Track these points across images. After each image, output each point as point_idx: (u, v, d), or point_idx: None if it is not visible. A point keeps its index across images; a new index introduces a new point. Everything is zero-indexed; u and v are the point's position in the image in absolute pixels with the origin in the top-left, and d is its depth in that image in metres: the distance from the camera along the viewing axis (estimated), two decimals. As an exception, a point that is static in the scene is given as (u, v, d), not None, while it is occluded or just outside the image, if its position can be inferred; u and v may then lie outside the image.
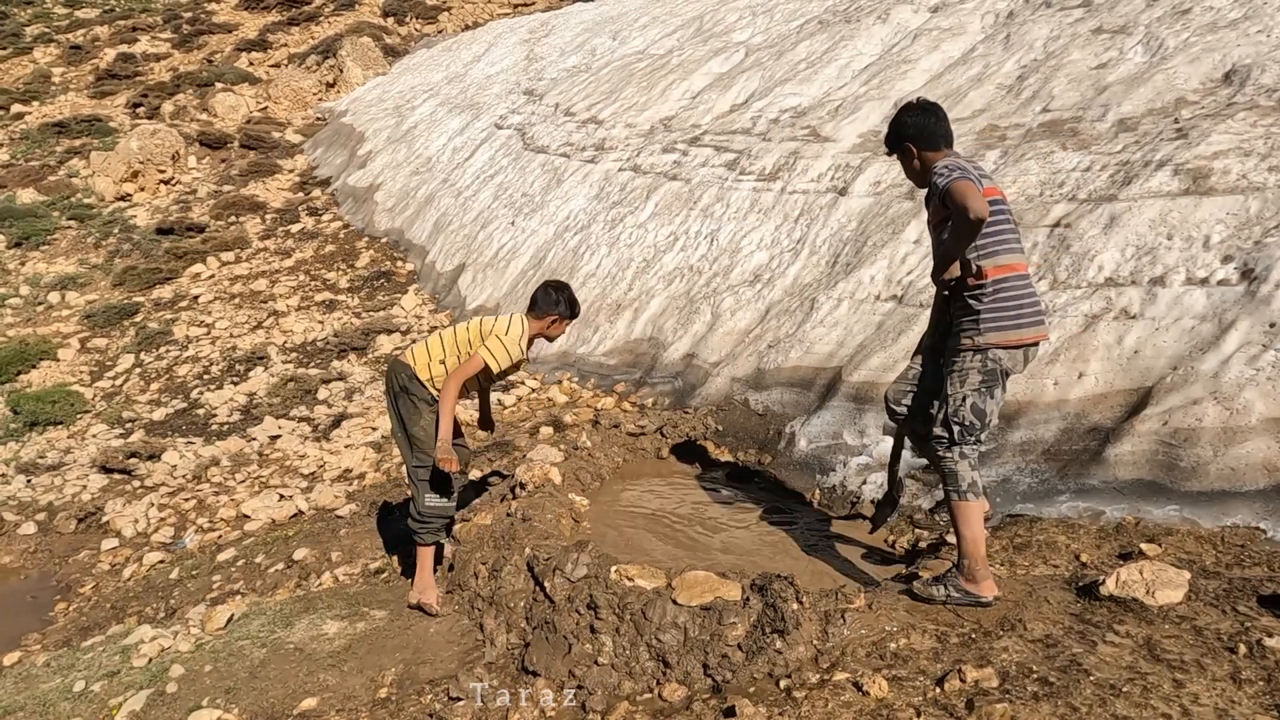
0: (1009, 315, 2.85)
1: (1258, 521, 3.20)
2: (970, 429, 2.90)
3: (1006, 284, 2.85)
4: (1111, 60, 6.08)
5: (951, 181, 2.69)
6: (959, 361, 2.91)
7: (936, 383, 3.03)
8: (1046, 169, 5.40)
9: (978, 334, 2.87)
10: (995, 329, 2.84)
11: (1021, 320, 2.87)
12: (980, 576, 2.92)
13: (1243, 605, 2.71)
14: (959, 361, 2.91)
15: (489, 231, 9.84)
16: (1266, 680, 2.32)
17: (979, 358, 2.87)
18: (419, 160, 12.90)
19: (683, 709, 2.68)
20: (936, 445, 2.96)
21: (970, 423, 2.90)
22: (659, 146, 8.92)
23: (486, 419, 4.46)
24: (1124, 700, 2.32)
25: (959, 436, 2.91)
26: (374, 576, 4.41)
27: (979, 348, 2.87)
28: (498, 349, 3.75)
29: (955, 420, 2.91)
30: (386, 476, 5.99)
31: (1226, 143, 4.64)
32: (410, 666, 3.27)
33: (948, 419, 2.92)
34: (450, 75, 16.04)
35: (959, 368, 2.91)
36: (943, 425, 2.93)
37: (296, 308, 10.05)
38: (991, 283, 2.85)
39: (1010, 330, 2.85)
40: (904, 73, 7.58)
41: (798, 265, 6.36)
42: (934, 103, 2.98)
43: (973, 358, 2.88)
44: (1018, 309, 2.86)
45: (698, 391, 5.96)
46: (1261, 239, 4.07)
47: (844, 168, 6.82)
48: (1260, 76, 5.03)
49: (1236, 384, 3.60)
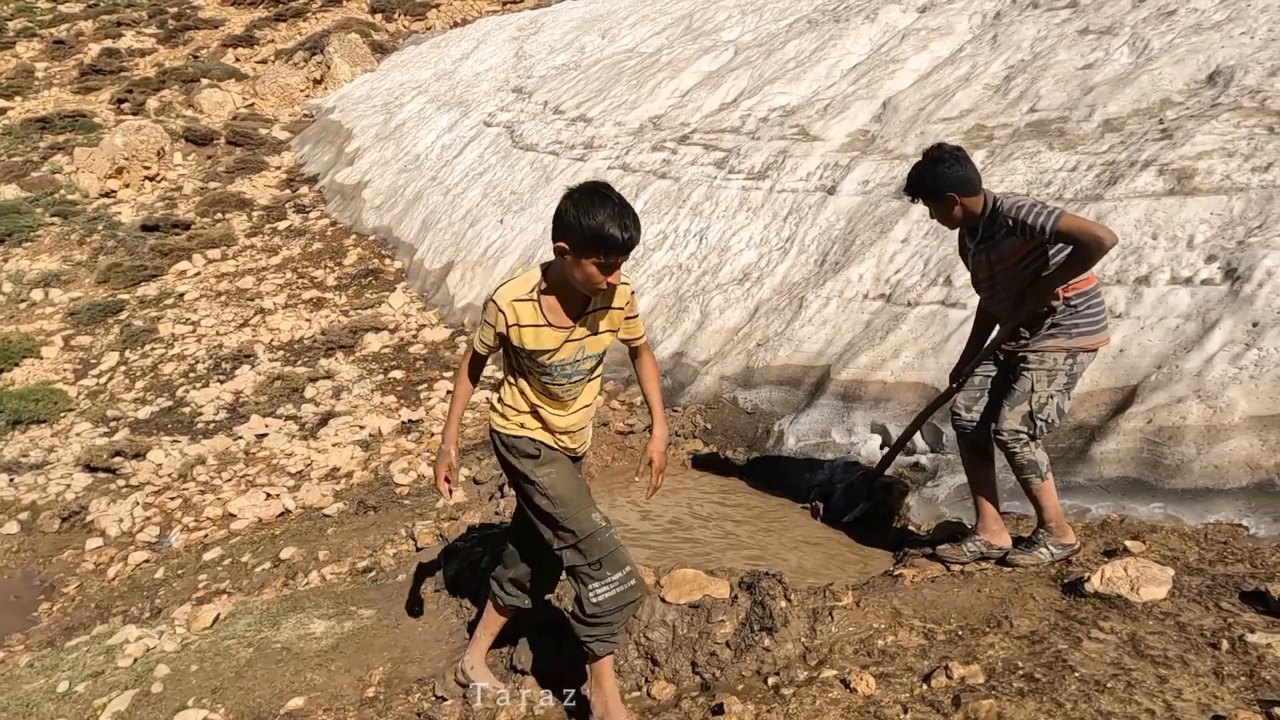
0: (1096, 321, 3.11)
1: (1240, 519, 3.23)
2: (1051, 426, 3.16)
3: (1091, 294, 3.12)
4: (1098, 61, 6.13)
5: (1059, 218, 2.91)
6: (1048, 363, 3.12)
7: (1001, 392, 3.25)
8: (1034, 169, 5.43)
9: (1069, 338, 3.09)
10: (1084, 334, 3.09)
11: (1098, 325, 3.13)
12: (1066, 530, 3.23)
13: (1225, 601, 2.73)
14: (1048, 363, 3.12)
15: (478, 229, 9.82)
16: (1249, 675, 2.34)
17: (1069, 360, 3.11)
18: (407, 158, 12.84)
19: (671, 707, 2.68)
20: (1013, 442, 3.15)
21: (1053, 420, 3.15)
22: (648, 145, 8.92)
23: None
24: (1108, 696, 2.34)
25: (1040, 432, 3.14)
26: (361, 575, 4.40)
27: (1071, 352, 3.09)
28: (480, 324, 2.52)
29: (1040, 418, 3.12)
30: (374, 475, 5.97)
31: (1210, 143, 4.68)
32: (398, 666, 3.26)
33: (1032, 416, 3.12)
34: (439, 72, 15.98)
35: (1049, 369, 3.11)
36: (1026, 422, 3.13)
37: (283, 306, 9.99)
38: (1080, 294, 3.09)
39: (1097, 334, 3.12)
40: (892, 72, 7.61)
41: (786, 264, 6.37)
42: (959, 148, 3.14)
43: (1064, 360, 3.10)
44: (1099, 315, 3.13)
45: (687, 390, 5.96)
46: (1245, 239, 4.11)
47: (833, 166, 6.84)
48: (1244, 78, 5.07)
49: (1220, 382, 3.64)
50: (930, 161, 3.09)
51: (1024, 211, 2.97)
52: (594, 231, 2.17)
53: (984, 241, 3.15)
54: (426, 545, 4.47)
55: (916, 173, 3.12)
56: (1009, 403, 3.15)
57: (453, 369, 7.71)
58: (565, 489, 2.48)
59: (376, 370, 8.03)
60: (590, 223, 2.17)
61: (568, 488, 2.49)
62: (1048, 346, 3.11)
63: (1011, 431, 3.13)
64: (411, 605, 3.68)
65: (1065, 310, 3.08)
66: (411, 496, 5.41)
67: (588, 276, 2.27)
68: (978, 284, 3.34)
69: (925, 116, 6.70)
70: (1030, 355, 3.14)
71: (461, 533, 4.36)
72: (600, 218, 2.17)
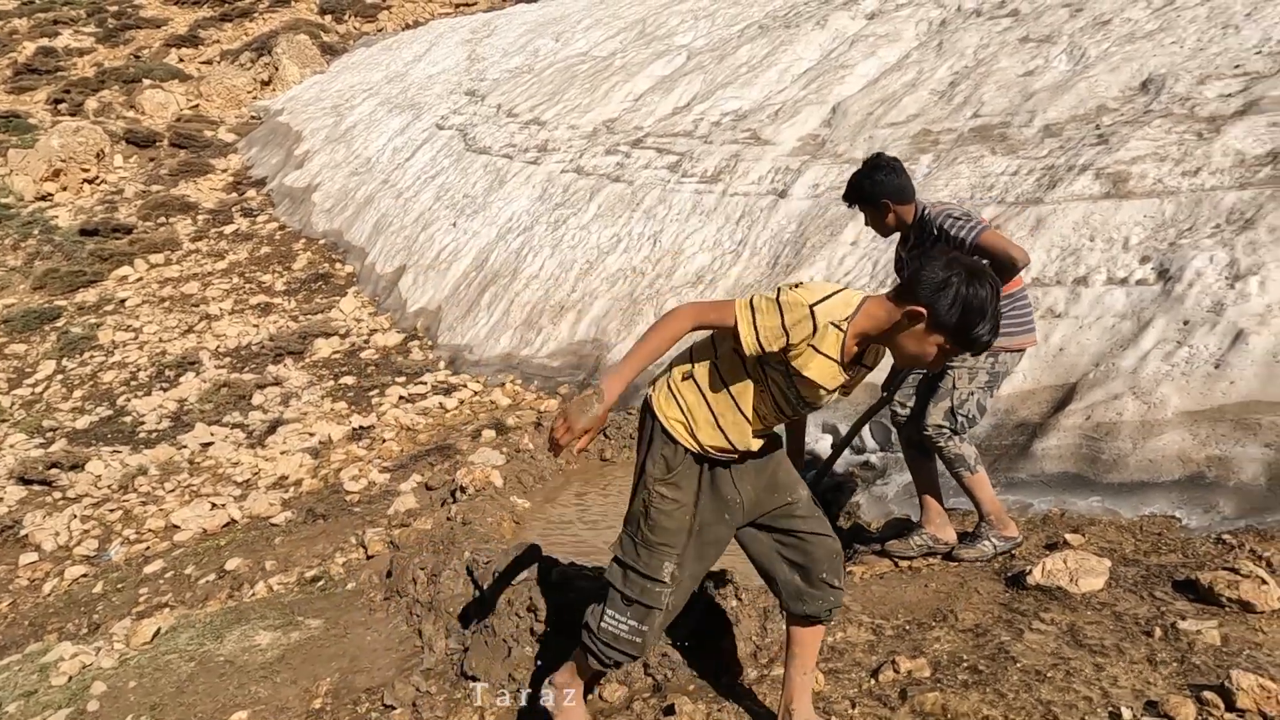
0: (1021, 322, 3.21)
1: (1173, 510, 3.34)
2: (972, 421, 3.26)
3: (1017, 296, 3.22)
4: (1038, 68, 6.30)
5: (982, 232, 3.03)
6: (969, 361, 3.21)
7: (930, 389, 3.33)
8: (977, 173, 5.55)
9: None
10: (1007, 334, 3.15)
11: (1025, 326, 3.23)
12: (1007, 523, 3.30)
13: (1159, 590, 2.82)
14: (969, 361, 3.21)
15: (430, 233, 9.71)
16: (1180, 661, 2.42)
17: (990, 360, 3.20)
18: (358, 160, 12.66)
19: (623, 709, 2.67)
20: (937, 437, 3.25)
21: (973, 416, 3.25)
22: (602, 148, 8.92)
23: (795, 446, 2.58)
24: (1048, 685, 2.40)
25: (961, 428, 3.24)
26: (310, 585, 4.31)
27: (992, 350, 3.17)
28: (765, 298, 2.02)
29: (961, 414, 3.23)
30: (324, 483, 5.85)
31: (1144, 148, 4.84)
32: (346, 675, 3.19)
33: (953, 412, 3.23)
34: (391, 75, 15.79)
35: (970, 367, 3.21)
36: (947, 417, 3.23)
37: (230, 311, 9.76)
38: (1006, 296, 3.16)
39: (1018, 335, 3.21)
40: (842, 78, 7.73)
41: (739, 266, 6.42)
42: (895, 158, 3.25)
43: (985, 359, 3.20)
44: (1024, 317, 3.22)
45: (641, 393, 5.96)
46: (1176, 240, 4.25)
47: (784, 170, 6.92)
48: (1174, 85, 5.26)
49: (1154, 379, 3.76)
50: (868, 169, 3.19)
51: (948, 222, 3.08)
52: (969, 326, 1.93)
53: (915, 248, 3.23)
54: (377, 553, 4.40)
55: (855, 180, 3.23)
56: (933, 399, 3.25)
57: (405, 374, 7.61)
58: (670, 522, 2.20)
59: (327, 376, 7.89)
60: (972, 315, 1.92)
61: (674, 522, 2.20)
62: None
63: (935, 426, 3.23)
64: (361, 614, 3.61)
65: None
66: (362, 504, 5.32)
67: (922, 353, 2.00)
68: None
69: (873, 121, 6.82)
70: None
71: (414, 539, 4.30)
72: (985, 318, 1.93)
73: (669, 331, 2.00)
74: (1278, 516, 3.09)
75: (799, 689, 2.35)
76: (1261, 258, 3.87)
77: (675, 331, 2.00)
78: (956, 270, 1.94)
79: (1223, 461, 3.39)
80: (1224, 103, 4.87)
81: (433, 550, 3.74)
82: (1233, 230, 4.09)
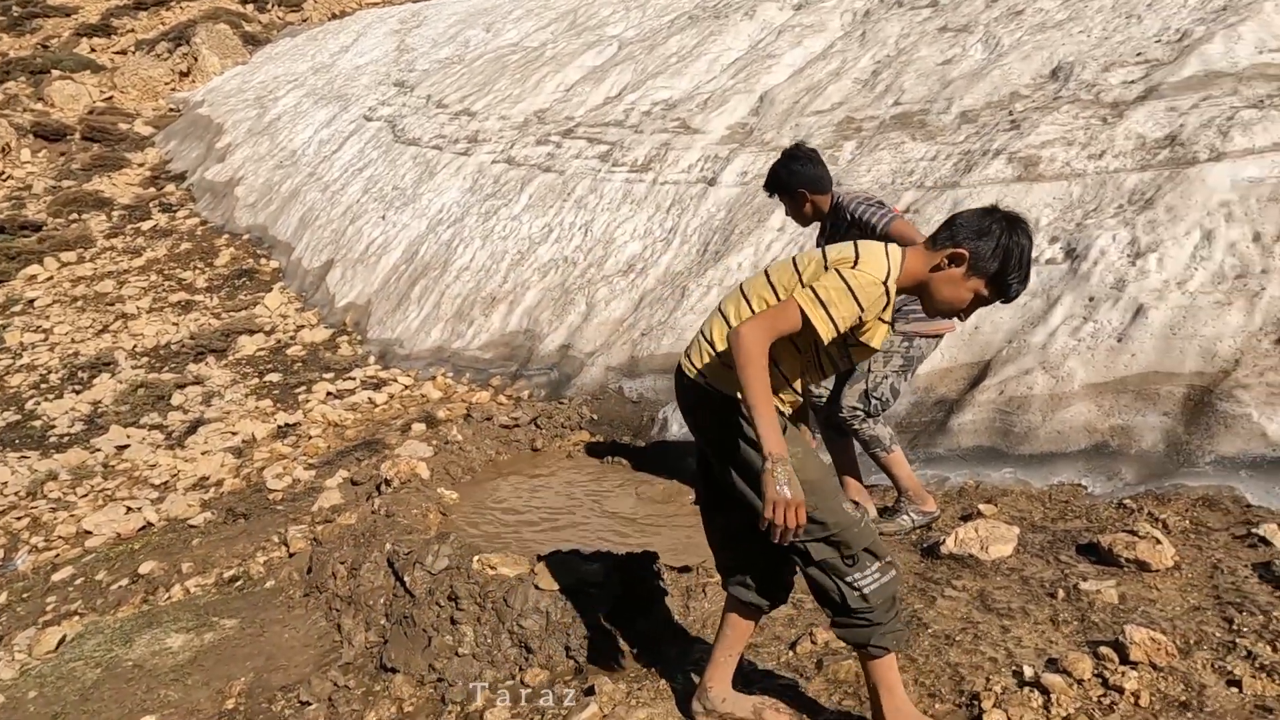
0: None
1: (1080, 479, 3.46)
2: (885, 404, 3.32)
3: None
4: (955, 57, 6.45)
5: (893, 221, 3.09)
6: (885, 346, 3.17)
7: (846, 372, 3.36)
8: (898, 158, 5.67)
9: (905, 323, 3.24)
10: (920, 319, 3.22)
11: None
12: (925, 498, 3.39)
13: (1064, 555, 2.92)
14: (885, 346, 3.17)
15: (359, 226, 9.50)
16: (1080, 620, 2.51)
17: (905, 344, 3.26)
18: (283, 153, 12.30)
19: (545, 692, 2.65)
20: (852, 419, 3.30)
21: (887, 399, 3.31)
22: (533, 138, 8.84)
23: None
24: (957, 648, 2.46)
25: (875, 410, 3.30)
26: (228, 585, 4.17)
27: (907, 335, 3.25)
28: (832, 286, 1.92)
29: (875, 396, 3.28)
30: (246, 482, 5.68)
31: (1053, 133, 5.00)
32: (262, 674, 3.10)
33: (868, 395, 3.28)
34: (316, 65, 15.38)
35: (885, 351, 3.27)
36: (861, 400, 3.29)
37: (148, 310, 9.39)
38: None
39: (934, 320, 3.19)
40: (769, 67, 7.80)
41: (669, 254, 6.43)
42: (813, 149, 3.31)
43: (899, 342, 3.26)
44: None
45: (573, 382, 5.94)
46: (1082, 221, 4.41)
47: (713, 159, 6.95)
48: (1081, 73, 5.44)
49: (1062, 354, 3.89)
50: (785, 160, 3.27)
51: (862, 208, 3.16)
52: (1005, 272, 1.93)
53: (831, 236, 3.29)
54: (299, 550, 4.28)
55: (773, 170, 3.29)
56: (849, 383, 3.32)
57: (333, 370, 7.43)
58: (814, 472, 2.01)
59: (251, 374, 7.65)
60: (1010, 262, 1.92)
61: (816, 470, 2.03)
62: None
63: (850, 409, 3.30)
64: (279, 612, 3.51)
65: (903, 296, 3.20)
66: (286, 502, 5.17)
67: (957, 298, 1.97)
68: None
69: (800, 109, 6.90)
70: None
71: (337, 534, 4.19)
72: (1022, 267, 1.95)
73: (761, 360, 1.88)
74: (1174, 481, 3.23)
75: (721, 669, 2.34)
76: (1160, 236, 4.04)
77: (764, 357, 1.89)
78: (998, 218, 1.96)
79: (1125, 430, 3.53)
80: (1126, 89, 5.06)
81: (354, 544, 3.66)
82: (1134, 210, 4.25)
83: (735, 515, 2.15)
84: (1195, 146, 4.30)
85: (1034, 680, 2.24)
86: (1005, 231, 1.94)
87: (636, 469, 4.70)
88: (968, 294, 1.97)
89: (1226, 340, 3.54)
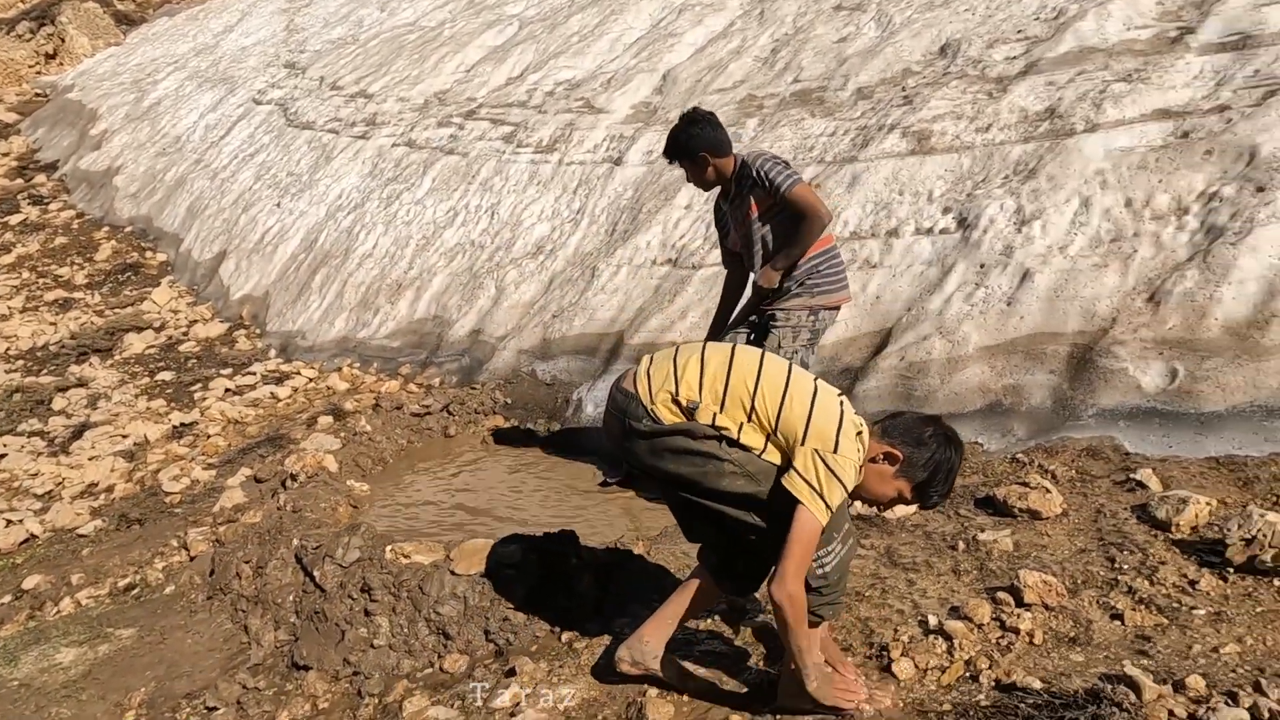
0: (834, 280, 3.31)
1: (976, 437, 3.63)
2: None
3: (830, 253, 3.32)
4: (850, 34, 6.60)
5: (796, 184, 3.11)
6: (793, 321, 3.29)
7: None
8: (799, 135, 5.77)
9: (811, 297, 3.27)
10: (825, 292, 3.27)
11: (840, 284, 3.34)
12: None
13: (963, 509, 3.06)
14: (793, 321, 3.29)
15: (252, 214, 9.07)
16: (979, 569, 2.63)
17: (811, 318, 3.29)
18: (166, 140, 11.63)
19: (464, 677, 2.62)
20: None
21: None
22: (434, 120, 8.62)
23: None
24: (866, 603, 2.55)
25: None
26: (124, 594, 3.94)
27: (813, 309, 3.27)
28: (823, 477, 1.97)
29: None
30: (140, 486, 5.38)
31: (944, 108, 5.18)
32: (164, 683, 2.95)
33: None
34: (199, 46, 14.56)
35: (794, 326, 3.29)
36: None
37: (21, 310, 8.74)
38: (819, 254, 3.27)
39: (835, 293, 3.32)
40: (671, 45, 7.81)
41: (578, 235, 6.39)
42: (711, 112, 3.30)
43: (806, 317, 3.28)
44: (839, 274, 3.33)
45: (485, 367, 5.85)
46: (972, 191, 4.59)
47: (618, 138, 6.93)
48: (968, 50, 5.65)
49: (956, 319, 4.05)
50: (684, 124, 3.26)
51: (768, 166, 3.19)
52: (930, 484, 2.04)
53: (735, 199, 3.32)
54: (201, 552, 4.08)
55: (673, 135, 3.27)
56: None
57: (231, 365, 7.10)
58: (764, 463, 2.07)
59: (141, 373, 7.24)
60: (938, 476, 2.02)
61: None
62: (793, 305, 3.33)
63: None
64: (180, 617, 3.35)
65: (807, 268, 3.29)
66: (184, 504, 4.92)
67: (882, 492, 2.07)
68: (730, 246, 3.50)
69: (702, 88, 6.94)
70: (778, 313, 3.35)
71: (240, 534, 4.02)
72: (946, 484, 2.05)
73: (805, 617, 2.01)
74: (1061, 434, 3.42)
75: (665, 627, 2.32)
76: (1043, 204, 4.25)
77: (806, 613, 2.01)
78: (937, 432, 2.05)
79: (1016, 389, 3.71)
80: (1009, 64, 5.28)
81: (259, 542, 3.52)
82: (1019, 180, 4.46)
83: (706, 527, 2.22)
84: (1072, 119, 4.53)
85: (938, 628, 2.34)
86: (941, 446, 2.02)
87: (552, 451, 4.68)
88: (892, 491, 2.07)
89: (1104, 300, 3.75)
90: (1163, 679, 1.97)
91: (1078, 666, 2.12)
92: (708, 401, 2.06)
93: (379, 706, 2.61)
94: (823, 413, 2.02)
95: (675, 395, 2.09)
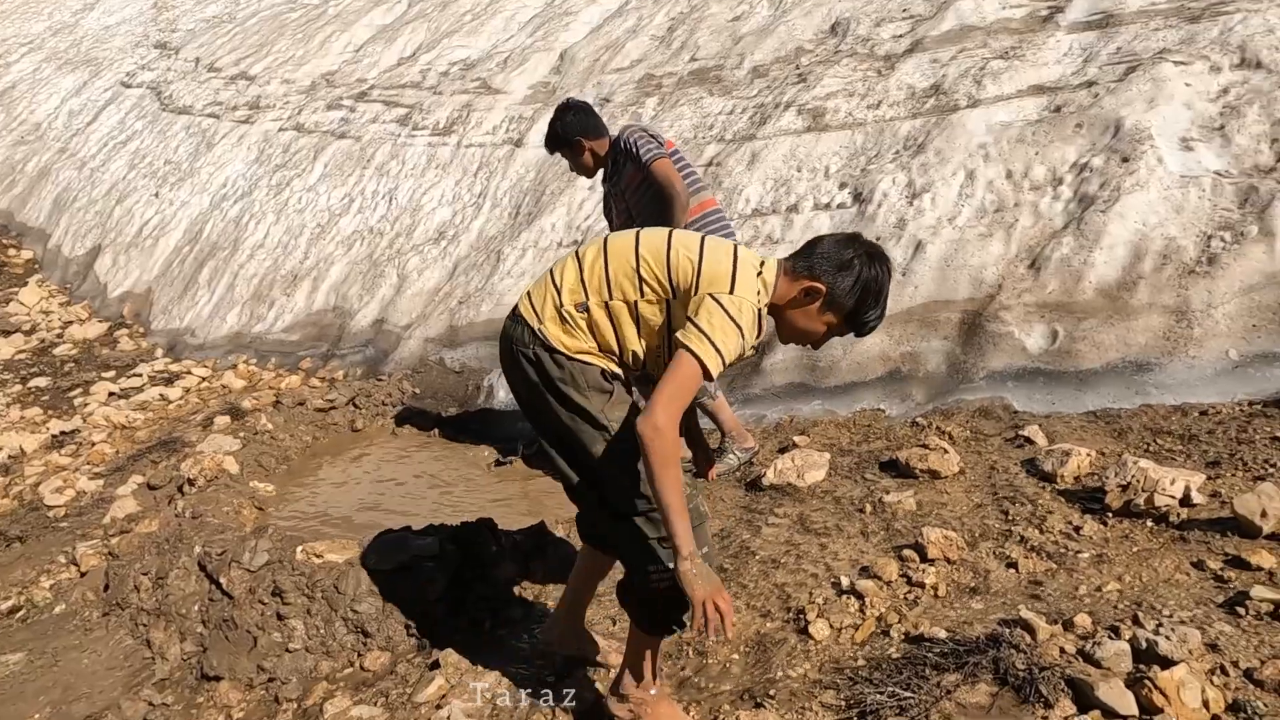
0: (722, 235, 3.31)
1: (879, 404, 3.78)
2: None
3: (713, 216, 3.35)
4: (744, 14, 6.68)
5: (660, 159, 3.14)
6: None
7: None
8: (698, 113, 5.82)
9: None
10: None
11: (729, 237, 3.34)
12: (745, 435, 3.57)
13: (869, 473, 3.19)
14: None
15: (128, 206, 8.53)
16: (886, 529, 2.76)
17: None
18: (24, 127, 10.76)
19: (387, 674, 2.57)
20: None
21: None
22: (323, 103, 8.28)
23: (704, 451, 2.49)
24: (782, 570, 2.63)
25: None
26: (9, 617, 3.68)
27: None
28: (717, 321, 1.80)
29: None
30: (19, 502, 5.01)
31: (836, 85, 5.32)
32: (59, 707, 2.78)
33: None
34: (55, 25, 13.50)
35: None
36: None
37: None
38: (701, 217, 3.30)
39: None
40: (566, 24, 7.73)
41: (481, 219, 6.29)
42: (584, 101, 3.37)
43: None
44: (725, 232, 3.35)
45: (391, 357, 5.71)
46: (866, 167, 4.75)
47: (517, 119, 6.83)
48: (857, 28, 5.81)
49: (856, 291, 4.19)
50: (558, 114, 3.34)
51: (639, 137, 3.24)
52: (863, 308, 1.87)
53: (614, 176, 3.36)
54: (93, 567, 3.84)
55: (549, 128, 3.39)
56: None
57: (114, 367, 6.68)
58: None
59: (12, 380, 6.73)
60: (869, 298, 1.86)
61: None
62: None
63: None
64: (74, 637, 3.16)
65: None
66: (70, 517, 4.62)
67: (810, 330, 1.92)
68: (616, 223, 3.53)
69: (600, 67, 6.90)
70: None
71: (137, 545, 3.81)
72: (879, 303, 1.88)
73: (676, 459, 1.76)
74: (955, 397, 3.60)
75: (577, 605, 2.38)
76: (931, 178, 4.43)
77: (678, 450, 1.77)
78: (860, 251, 1.88)
79: (913, 356, 3.88)
80: (896, 42, 5.46)
81: (158, 552, 3.34)
82: (909, 155, 4.64)
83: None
84: (956, 95, 4.73)
85: (850, 588, 2.44)
86: (865, 265, 1.87)
87: (464, 439, 4.62)
88: (822, 327, 1.93)
89: (990, 268, 3.96)
90: (1054, 619, 2.12)
91: (978, 614, 2.26)
92: (594, 295, 1.91)
93: (299, 711, 2.54)
94: (713, 254, 1.89)
95: (560, 306, 1.93)
